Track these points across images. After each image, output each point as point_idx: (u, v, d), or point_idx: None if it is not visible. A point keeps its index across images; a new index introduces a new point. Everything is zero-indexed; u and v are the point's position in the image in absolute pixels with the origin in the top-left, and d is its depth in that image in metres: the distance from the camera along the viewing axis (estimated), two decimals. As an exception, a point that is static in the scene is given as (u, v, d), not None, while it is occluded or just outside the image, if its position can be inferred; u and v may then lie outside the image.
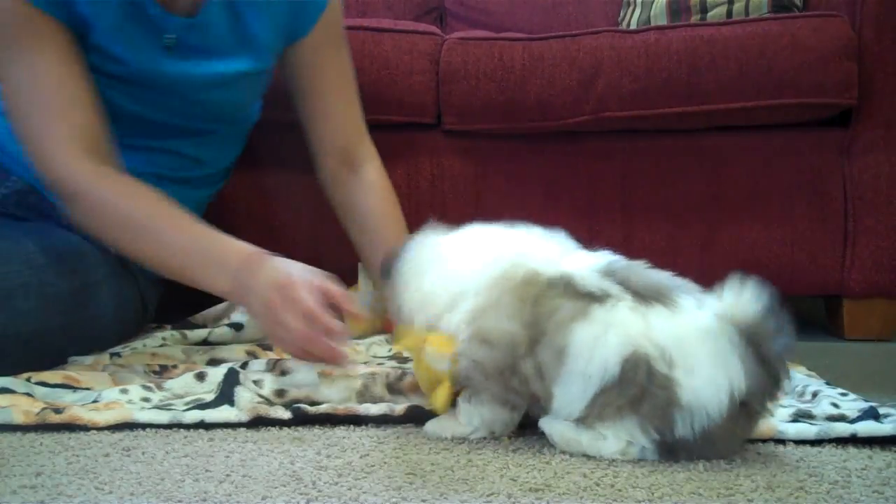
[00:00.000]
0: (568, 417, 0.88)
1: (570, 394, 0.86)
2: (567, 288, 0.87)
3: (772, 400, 0.86)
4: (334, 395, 1.04)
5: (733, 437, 0.86)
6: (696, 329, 0.84)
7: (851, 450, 0.91)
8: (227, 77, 1.34)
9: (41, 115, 1.17)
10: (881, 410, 0.97)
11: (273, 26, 1.35)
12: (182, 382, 1.09)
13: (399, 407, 1.01)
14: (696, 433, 0.82)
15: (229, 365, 1.11)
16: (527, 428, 0.96)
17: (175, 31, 1.27)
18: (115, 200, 1.16)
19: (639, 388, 0.83)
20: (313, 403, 1.03)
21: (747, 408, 0.84)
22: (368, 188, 1.44)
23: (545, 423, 0.90)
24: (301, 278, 1.04)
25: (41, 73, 1.17)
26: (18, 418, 0.96)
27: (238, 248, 1.10)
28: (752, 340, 0.84)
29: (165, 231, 1.14)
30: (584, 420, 0.87)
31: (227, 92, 1.37)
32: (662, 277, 0.89)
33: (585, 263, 0.91)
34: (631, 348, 0.83)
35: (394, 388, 1.05)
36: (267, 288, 1.04)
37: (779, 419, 0.97)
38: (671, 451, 0.85)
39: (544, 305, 0.87)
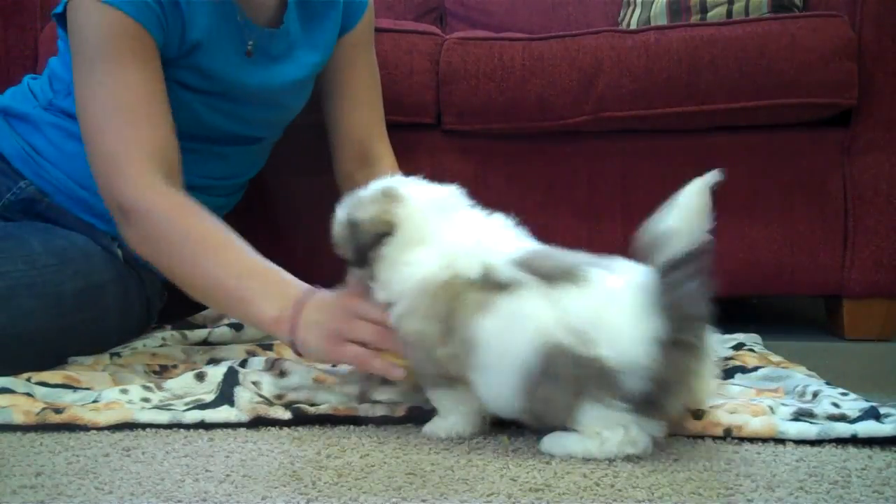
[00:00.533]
0: (504, 406, 0.90)
1: (493, 384, 0.89)
2: (485, 281, 0.90)
3: (703, 328, 0.86)
4: (333, 398, 1.05)
5: (686, 375, 0.87)
6: (605, 297, 0.87)
7: (851, 450, 0.91)
8: (302, 79, 1.39)
9: (123, 130, 1.16)
10: (882, 410, 0.97)
11: (336, 22, 1.41)
12: (182, 382, 1.09)
13: (399, 407, 1.01)
14: (650, 383, 0.84)
15: (229, 363, 1.11)
16: (527, 428, 0.96)
17: (257, 39, 1.32)
18: (175, 218, 1.13)
19: (573, 379, 0.85)
20: (313, 404, 1.03)
21: (683, 343, 0.84)
22: None
23: (547, 445, 0.90)
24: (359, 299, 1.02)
25: (132, 89, 1.17)
26: (18, 418, 0.96)
27: (297, 282, 1.08)
28: (662, 282, 0.85)
29: (224, 253, 1.11)
30: (542, 417, 0.89)
31: (298, 94, 1.42)
32: (575, 257, 0.92)
33: (506, 253, 0.93)
34: (544, 338, 0.86)
35: (392, 384, 1.05)
36: (331, 306, 1.02)
37: (780, 418, 0.97)
38: (655, 407, 0.86)
39: (458, 300, 0.91)
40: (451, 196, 1.00)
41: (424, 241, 0.95)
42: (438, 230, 0.96)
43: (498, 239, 0.97)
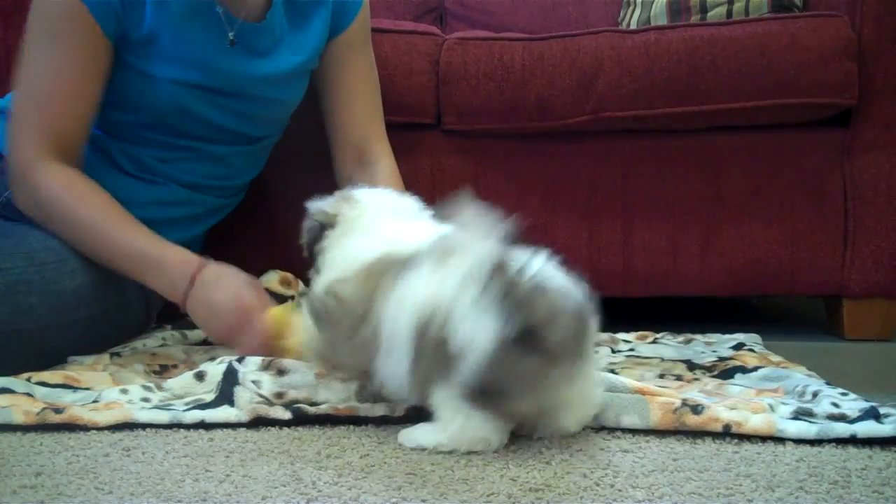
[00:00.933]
0: (398, 393, 0.92)
1: (390, 366, 0.90)
2: (407, 262, 0.92)
3: (562, 334, 0.82)
4: (333, 396, 1.05)
5: (530, 379, 0.84)
6: (467, 278, 0.83)
7: (851, 450, 0.91)
8: (287, 73, 1.39)
9: (36, 106, 1.25)
10: (881, 410, 0.97)
11: (325, 21, 1.42)
12: (182, 382, 1.09)
13: (399, 407, 1.01)
14: (487, 377, 0.82)
15: (227, 359, 1.11)
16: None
17: (239, 31, 1.32)
18: (62, 198, 1.23)
19: (433, 358, 0.85)
20: (313, 403, 1.03)
21: (531, 346, 0.81)
22: (377, 184, 1.45)
23: (401, 438, 0.92)
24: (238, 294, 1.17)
25: (61, 76, 1.24)
26: (18, 418, 0.96)
27: (175, 257, 1.19)
28: (504, 279, 0.81)
29: (107, 233, 1.22)
30: (426, 401, 0.90)
31: (286, 89, 1.43)
32: (469, 235, 0.88)
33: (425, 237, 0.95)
34: (418, 315, 0.86)
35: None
36: (221, 304, 1.16)
37: (779, 416, 0.97)
38: (495, 405, 0.85)
39: (383, 278, 0.93)
40: (406, 206, 1.07)
41: (364, 234, 1.02)
42: (381, 227, 1.02)
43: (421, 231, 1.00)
